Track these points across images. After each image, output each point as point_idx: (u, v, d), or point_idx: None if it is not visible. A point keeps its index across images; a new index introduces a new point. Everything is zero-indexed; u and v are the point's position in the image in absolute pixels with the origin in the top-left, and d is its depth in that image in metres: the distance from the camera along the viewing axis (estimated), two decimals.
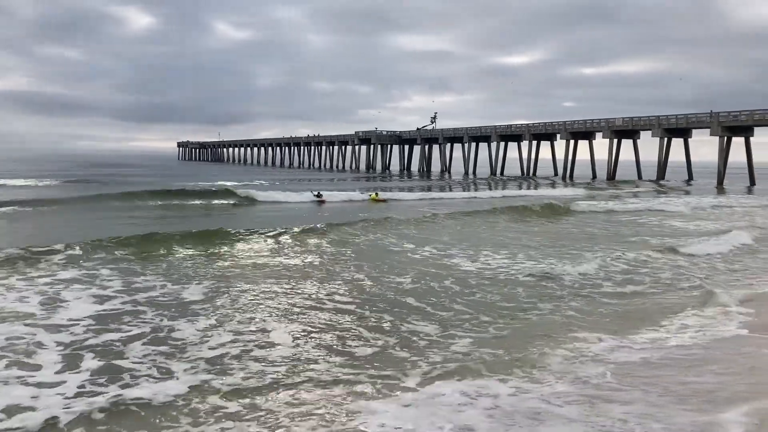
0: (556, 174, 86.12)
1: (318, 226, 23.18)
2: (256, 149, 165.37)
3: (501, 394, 7.76)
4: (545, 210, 32.70)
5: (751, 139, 69.87)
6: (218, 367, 8.67)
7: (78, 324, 10.51)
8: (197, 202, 38.59)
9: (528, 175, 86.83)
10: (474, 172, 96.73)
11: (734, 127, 67.98)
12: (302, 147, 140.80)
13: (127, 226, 23.88)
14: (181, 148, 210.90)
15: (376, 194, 45.07)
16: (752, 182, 69.94)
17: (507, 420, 6.98)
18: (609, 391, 7.85)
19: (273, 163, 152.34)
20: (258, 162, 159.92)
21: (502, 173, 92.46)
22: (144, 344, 9.58)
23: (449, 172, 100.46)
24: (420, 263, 17.13)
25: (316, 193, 43.11)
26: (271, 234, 21.38)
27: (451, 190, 58.65)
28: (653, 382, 8.15)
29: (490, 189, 59.73)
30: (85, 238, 18.65)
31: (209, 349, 9.43)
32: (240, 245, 19.44)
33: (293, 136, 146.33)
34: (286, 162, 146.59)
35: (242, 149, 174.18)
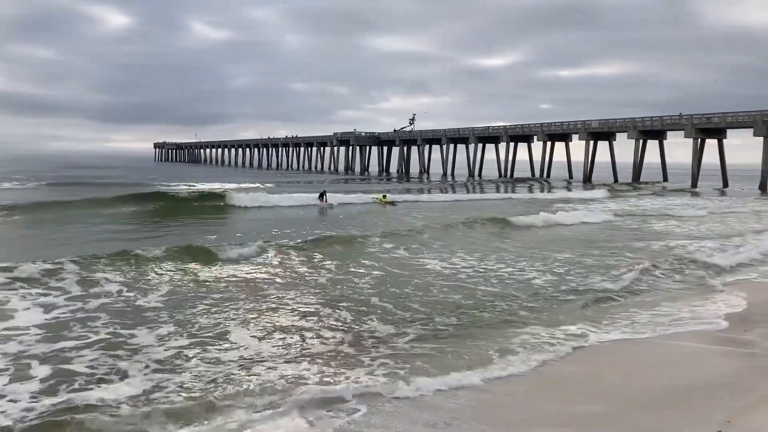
0: (533, 176, 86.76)
1: (333, 234, 21.84)
2: (234, 150, 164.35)
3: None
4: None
5: (724, 141, 71.22)
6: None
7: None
8: (184, 205, 34.24)
9: (505, 177, 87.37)
10: (452, 174, 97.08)
11: (707, 129, 69.11)
12: (281, 148, 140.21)
13: (94, 242, 20.04)
14: (157, 149, 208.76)
15: (384, 196, 42.08)
16: (725, 184, 71.05)
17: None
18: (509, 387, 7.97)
19: (251, 164, 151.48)
20: (236, 163, 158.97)
21: (480, 175, 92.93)
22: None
23: (428, 174, 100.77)
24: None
25: (319, 194, 40.02)
26: (261, 251, 17.69)
27: (454, 191, 58.55)
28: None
29: (499, 191, 59.96)
30: (49, 255, 15.37)
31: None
32: (220, 269, 15.59)
33: (271, 137, 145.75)
34: (264, 163, 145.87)
35: (220, 150, 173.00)
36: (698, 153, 69.75)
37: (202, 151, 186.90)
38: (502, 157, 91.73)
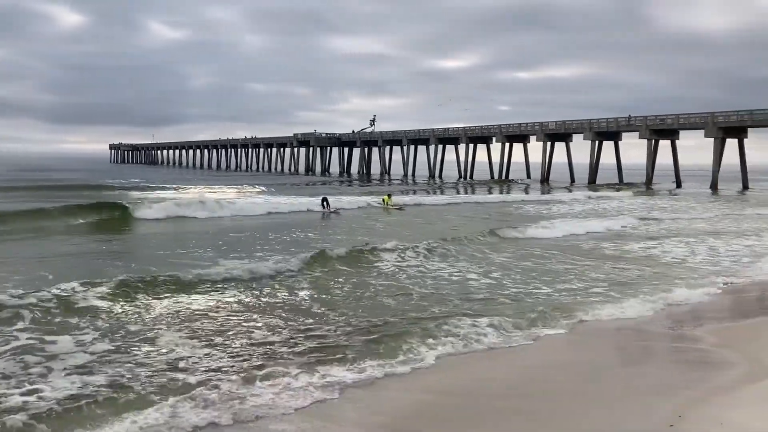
0: (492, 177, 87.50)
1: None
2: (191, 151, 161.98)
3: None
4: None
5: (677, 142, 72.95)
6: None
7: None
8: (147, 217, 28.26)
9: (465, 178, 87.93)
10: (413, 175, 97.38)
11: (661, 131, 70.67)
12: (239, 149, 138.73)
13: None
14: (113, 151, 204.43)
15: (389, 197, 38.00)
16: (678, 183, 72.68)
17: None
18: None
19: (209, 165, 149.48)
20: (194, 164, 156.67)
21: (440, 176, 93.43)
22: None
23: (389, 175, 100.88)
24: None
25: (322, 199, 35.12)
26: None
27: (459, 192, 57.96)
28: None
29: (492, 192, 59.99)
30: None
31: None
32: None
33: (230, 138, 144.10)
34: (223, 164, 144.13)
35: (177, 151, 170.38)
36: (652, 154, 71.28)
37: (159, 152, 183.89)
38: (462, 158, 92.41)
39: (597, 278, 15.33)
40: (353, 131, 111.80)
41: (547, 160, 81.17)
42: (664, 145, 72.52)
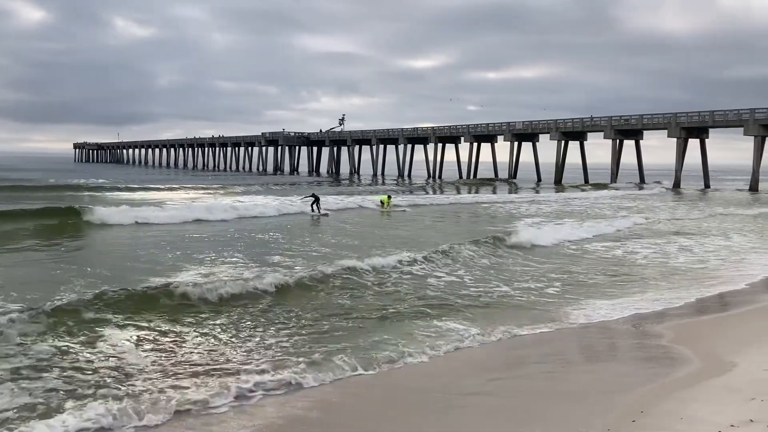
0: (460, 177, 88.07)
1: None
2: (158, 150, 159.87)
3: None
4: None
5: (641, 142, 74.35)
6: None
7: None
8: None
9: (434, 178, 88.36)
10: (383, 174, 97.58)
11: (625, 131, 71.95)
12: (206, 148, 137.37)
13: None
14: (77, 150, 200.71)
15: (389, 198, 36.19)
16: (642, 181, 74.01)
17: None
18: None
19: (176, 164, 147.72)
20: (160, 163, 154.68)
21: (409, 175, 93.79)
22: None
23: (358, 174, 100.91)
24: None
25: (310, 200, 32.56)
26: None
27: (435, 192, 57.44)
28: None
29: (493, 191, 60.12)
30: None
31: None
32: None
33: (197, 136, 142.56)
34: (190, 164, 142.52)
35: (143, 150, 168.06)
36: (617, 153, 72.56)
37: (124, 151, 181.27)
38: (431, 157, 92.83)
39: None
40: (320, 130, 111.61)
41: (514, 159, 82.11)
42: (629, 144, 73.94)
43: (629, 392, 7.60)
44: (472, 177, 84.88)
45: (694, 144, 68.54)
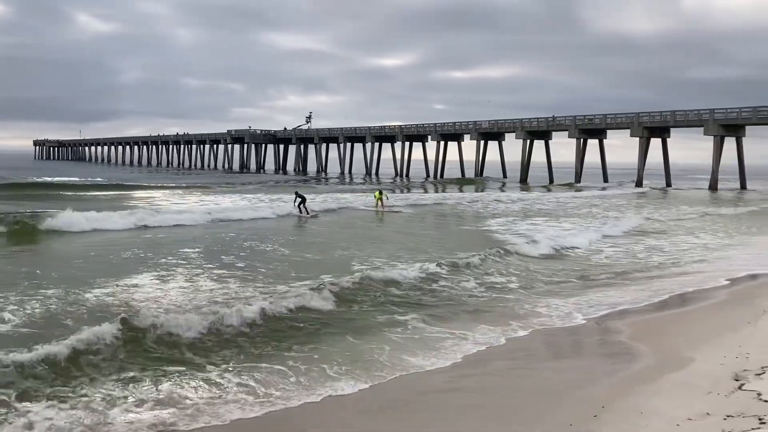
0: (427, 175, 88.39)
1: None
2: (121, 148, 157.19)
3: None
4: None
5: (605, 141, 75.55)
6: None
7: None
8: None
9: (401, 176, 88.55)
10: (350, 172, 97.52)
11: (590, 130, 73.05)
12: (171, 146, 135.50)
13: None
14: (37, 147, 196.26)
15: (380, 194, 34.16)
16: (605, 180, 75.25)
17: None
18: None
19: (140, 162, 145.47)
20: (123, 161, 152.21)
21: (377, 173, 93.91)
22: None
23: (325, 172, 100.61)
24: None
25: (297, 200, 30.56)
26: None
27: (444, 190, 57.25)
28: None
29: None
30: None
31: None
32: None
33: (162, 134, 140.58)
34: (154, 161, 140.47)
35: (106, 148, 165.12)
36: (581, 152, 73.61)
37: (86, 148, 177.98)
38: (398, 156, 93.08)
39: None
40: (285, 128, 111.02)
41: (480, 158, 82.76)
42: (593, 144, 75.07)
43: (591, 388, 7.78)
44: (439, 176, 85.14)
45: (656, 143, 70.07)
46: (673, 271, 16.65)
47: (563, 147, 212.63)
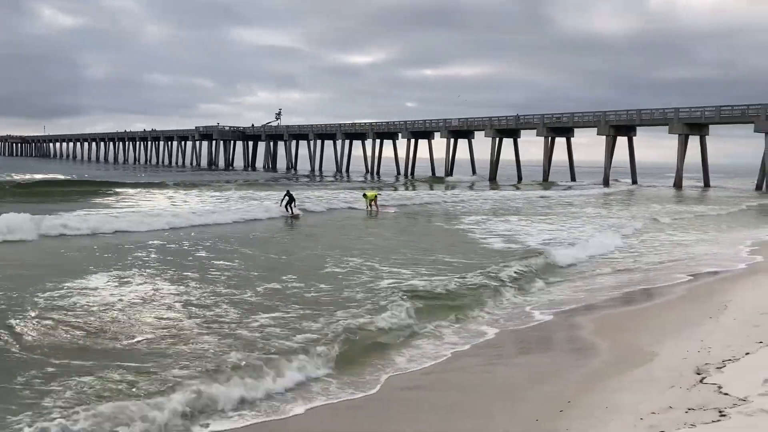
0: (398, 173, 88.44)
1: None
2: (87, 144, 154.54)
3: None
4: None
5: (572, 139, 76.47)
6: None
7: None
8: None
9: (372, 174, 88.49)
10: (320, 170, 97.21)
11: (557, 129, 73.83)
12: (138, 142, 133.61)
13: None
14: (0, 143, 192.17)
15: (367, 193, 32.93)
16: (573, 178, 76.13)
17: None
18: None
19: (106, 159, 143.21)
20: (89, 158, 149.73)
21: (347, 171, 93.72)
22: None
23: (295, 169, 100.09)
24: None
25: (285, 200, 29.52)
26: None
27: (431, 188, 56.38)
28: None
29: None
30: None
31: None
32: None
33: (128, 130, 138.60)
34: (120, 158, 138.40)
35: (71, 144, 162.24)
36: (549, 150, 74.36)
37: (51, 144, 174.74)
38: (369, 153, 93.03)
39: None
40: (252, 125, 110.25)
41: (450, 156, 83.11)
42: (560, 142, 75.86)
43: (557, 383, 7.85)
44: (410, 174, 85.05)
45: (622, 142, 71.09)
46: None
47: (532, 145, 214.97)
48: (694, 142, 64.70)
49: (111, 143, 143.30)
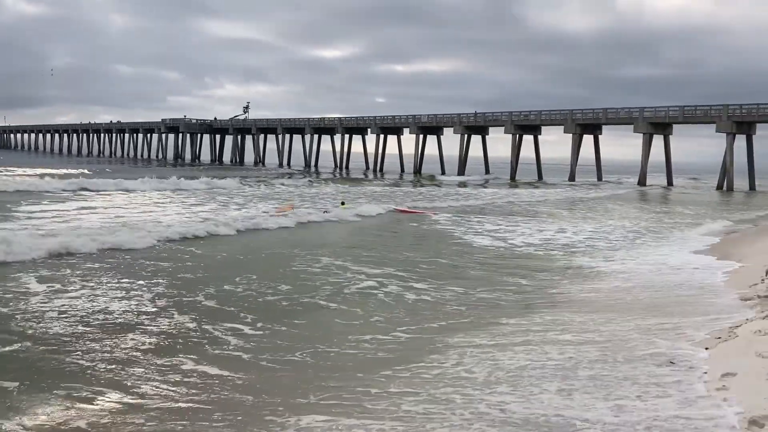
0: (367, 168, 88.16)
1: None
2: (49, 136, 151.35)
3: None
4: None
5: (540, 137, 77.01)
6: None
7: None
8: None
9: (341, 169, 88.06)
10: (289, 164, 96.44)
11: (525, 126, 74.25)
12: (102, 134, 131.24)
13: None
14: None
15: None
16: (540, 176, 76.65)
17: None
18: None
19: (69, 151, 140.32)
20: (52, 149, 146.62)
21: (316, 165, 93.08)
22: None
23: (263, 164, 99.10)
24: None
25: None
26: None
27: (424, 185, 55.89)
28: None
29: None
30: None
31: None
32: None
33: (93, 122, 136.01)
34: (84, 150, 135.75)
35: (33, 135, 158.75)
36: (516, 148, 74.76)
37: (12, 136, 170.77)
38: (338, 148, 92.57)
39: None
40: (215, 118, 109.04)
41: (419, 152, 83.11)
42: (528, 139, 76.29)
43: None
44: (379, 169, 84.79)
45: (588, 140, 71.84)
46: None
47: (499, 142, 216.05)
48: (658, 140, 65.62)
49: (75, 135, 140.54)
